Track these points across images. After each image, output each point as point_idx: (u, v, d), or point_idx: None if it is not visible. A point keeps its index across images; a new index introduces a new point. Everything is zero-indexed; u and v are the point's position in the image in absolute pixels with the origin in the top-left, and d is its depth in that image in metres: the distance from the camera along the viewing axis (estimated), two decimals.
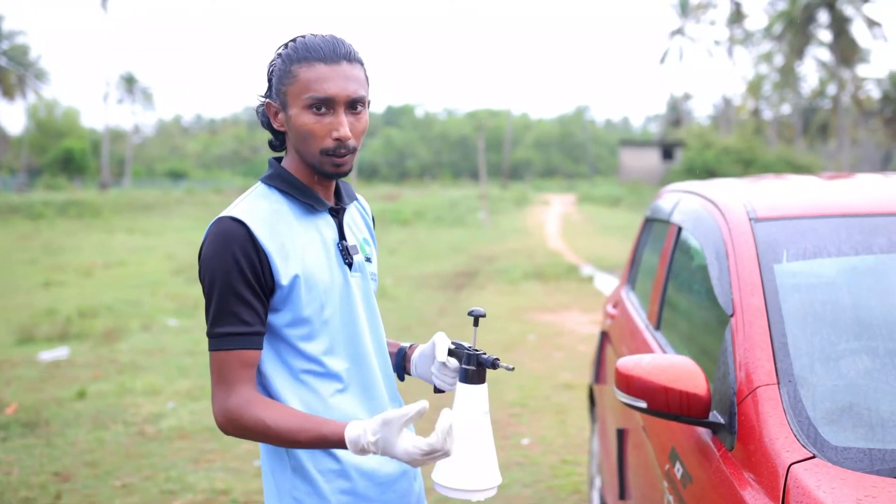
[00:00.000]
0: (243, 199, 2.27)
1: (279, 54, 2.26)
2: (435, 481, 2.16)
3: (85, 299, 15.20)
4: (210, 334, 2.18)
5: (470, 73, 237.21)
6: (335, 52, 2.20)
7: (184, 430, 7.36)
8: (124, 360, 10.26)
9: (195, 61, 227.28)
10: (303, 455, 2.25)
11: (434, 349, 2.41)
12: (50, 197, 45.49)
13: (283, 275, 2.18)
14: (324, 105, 2.19)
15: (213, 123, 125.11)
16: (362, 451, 2.06)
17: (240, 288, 2.14)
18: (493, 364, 2.19)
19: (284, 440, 2.12)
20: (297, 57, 2.20)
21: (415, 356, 2.52)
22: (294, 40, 2.26)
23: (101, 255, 23.31)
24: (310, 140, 2.21)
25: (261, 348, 2.20)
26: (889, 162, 59.88)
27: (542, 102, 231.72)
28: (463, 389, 2.19)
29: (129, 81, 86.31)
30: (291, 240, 2.22)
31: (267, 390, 2.27)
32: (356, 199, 2.54)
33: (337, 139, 2.20)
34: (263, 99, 2.34)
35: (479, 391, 2.18)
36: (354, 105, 2.23)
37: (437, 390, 2.45)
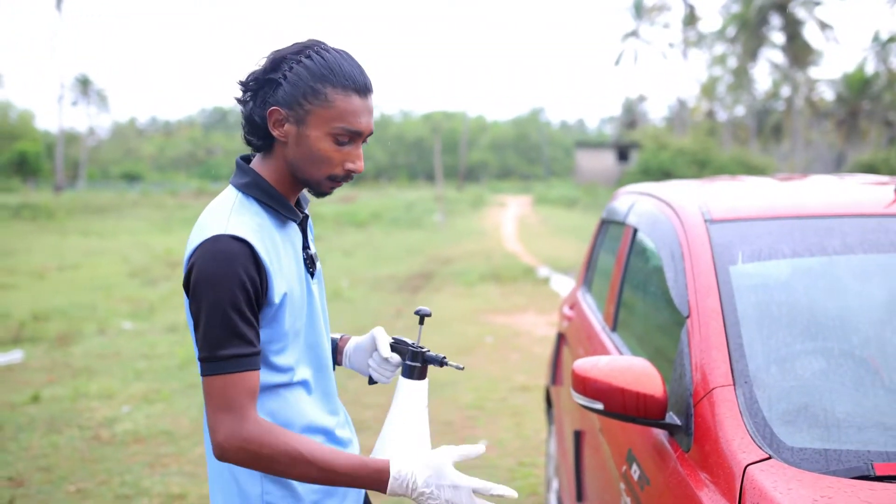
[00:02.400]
0: (229, 213, 2.13)
1: (306, 67, 2.13)
2: None
3: (38, 302, 15.02)
4: (212, 357, 2.05)
5: (426, 75, 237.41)
6: (366, 86, 2.17)
7: (139, 434, 7.30)
8: (78, 363, 10.15)
9: (150, 63, 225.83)
10: None
11: (374, 342, 2.47)
12: (3, 199, 44.99)
13: (277, 292, 2.13)
14: (349, 137, 2.16)
15: (168, 125, 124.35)
16: (402, 491, 2.06)
17: (245, 309, 2.05)
18: (442, 362, 2.26)
19: (317, 470, 2.04)
20: (334, 81, 2.12)
21: (349, 348, 2.56)
22: (320, 55, 2.15)
23: (54, 257, 23.06)
24: (323, 165, 2.17)
25: (260, 370, 2.14)
26: (842, 163, 60.55)
27: (497, 104, 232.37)
28: (406, 385, 2.26)
29: (84, 83, 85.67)
30: (277, 255, 2.16)
31: None
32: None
33: (348, 170, 2.20)
34: (244, 97, 2.21)
35: (420, 387, 2.27)
36: (366, 137, 2.22)
37: (372, 381, 2.51)
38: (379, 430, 2.12)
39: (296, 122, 2.14)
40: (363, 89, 2.16)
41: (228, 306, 2.03)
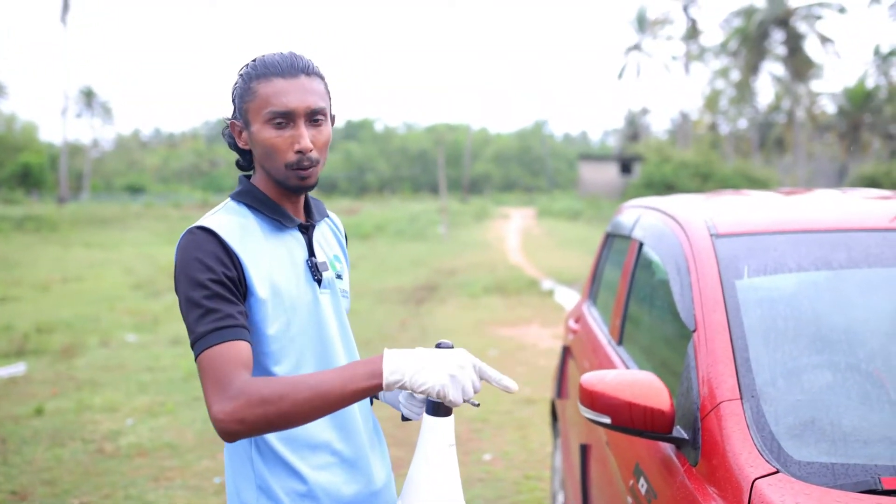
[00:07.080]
0: (212, 213, 2.24)
1: (240, 75, 2.26)
2: None
3: (42, 315, 15.03)
4: (195, 339, 2.04)
5: (429, 87, 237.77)
6: (293, 66, 2.21)
7: (143, 447, 7.29)
8: (82, 376, 10.15)
9: (154, 75, 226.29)
10: (268, 475, 2.19)
11: None
12: (7, 211, 45.04)
13: (257, 285, 2.14)
14: (284, 118, 2.18)
15: (171, 137, 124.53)
16: (397, 379, 1.98)
17: (217, 289, 2.06)
18: None
19: (313, 394, 1.95)
20: (256, 74, 2.21)
21: None
22: (254, 60, 2.26)
23: (58, 269, 23.08)
24: (273, 155, 2.20)
25: (251, 344, 2.08)
26: (844, 176, 60.53)
27: (500, 117, 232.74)
28: (429, 421, 2.14)
29: (88, 95, 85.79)
30: (259, 255, 2.19)
31: None
32: (328, 215, 2.55)
33: (299, 151, 2.19)
34: (228, 120, 2.34)
35: (445, 423, 2.14)
36: (314, 116, 2.22)
37: (405, 418, 2.43)
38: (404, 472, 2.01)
39: (245, 125, 2.25)
40: (288, 71, 2.20)
41: (198, 289, 2.06)
